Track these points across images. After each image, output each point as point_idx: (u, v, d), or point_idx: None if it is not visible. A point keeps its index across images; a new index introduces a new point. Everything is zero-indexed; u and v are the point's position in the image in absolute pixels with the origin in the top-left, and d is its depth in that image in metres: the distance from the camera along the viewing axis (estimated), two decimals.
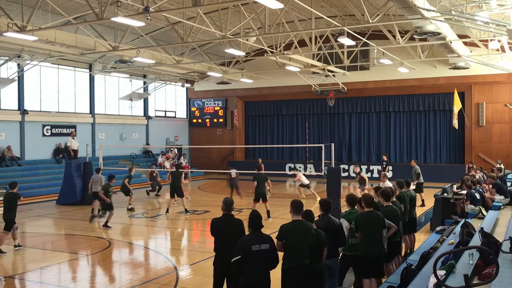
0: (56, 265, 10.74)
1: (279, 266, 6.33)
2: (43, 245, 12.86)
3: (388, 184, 12.40)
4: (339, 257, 7.50)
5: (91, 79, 26.95)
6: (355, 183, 20.98)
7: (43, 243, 13.14)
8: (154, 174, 22.13)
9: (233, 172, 19.57)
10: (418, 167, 18.44)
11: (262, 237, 6.19)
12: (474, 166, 22.48)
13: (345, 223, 7.43)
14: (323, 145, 17.88)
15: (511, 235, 5.90)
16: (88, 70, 26.67)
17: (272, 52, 21.52)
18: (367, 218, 7.29)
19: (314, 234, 6.44)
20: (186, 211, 16.82)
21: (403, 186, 10.45)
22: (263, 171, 16.18)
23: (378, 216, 7.38)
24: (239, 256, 6.01)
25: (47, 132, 24.50)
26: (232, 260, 6.08)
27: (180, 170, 17.91)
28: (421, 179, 18.09)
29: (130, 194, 17.78)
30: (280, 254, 6.34)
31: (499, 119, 25.89)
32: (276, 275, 6.43)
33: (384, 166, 23.07)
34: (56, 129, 24.87)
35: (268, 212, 15.38)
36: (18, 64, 22.68)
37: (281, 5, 13.49)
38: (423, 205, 17.46)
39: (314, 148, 29.39)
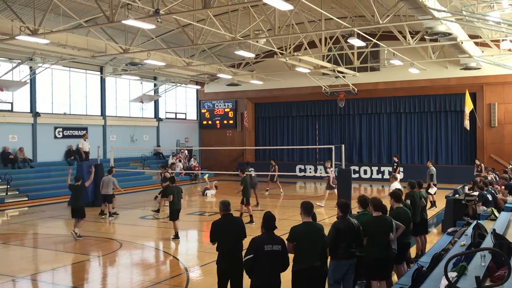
0: (68, 266, 10.82)
1: (289, 268, 6.34)
2: (55, 247, 12.97)
3: (397, 185, 12.34)
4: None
5: (102, 82, 27.15)
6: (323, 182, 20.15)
7: (55, 244, 13.24)
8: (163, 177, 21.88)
9: (252, 172, 19.63)
10: (434, 168, 18.20)
11: (275, 238, 6.23)
12: (482, 165, 22.30)
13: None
14: (333, 147, 17.85)
15: None
16: (99, 73, 26.86)
17: (282, 54, 21.52)
18: (376, 223, 7.27)
19: (324, 236, 6.45)
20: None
21: (415, 187, 10.42)
22: (249, 173, 16.34)
23: (387, 221, 7.36)
24: (252, 255, 6.04)
25: (59, 134, 24.71)
26: (245, 259, 6.13)
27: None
28: (435, 181, 17.93)
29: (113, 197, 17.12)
30: (291, 256, 6.35)
31: (511, 120, 25.65)
32: (286, 277, 6.44)
33: (394, 167, 22.96)
34: (68, 131, 25.07)
35: (251, 216, 15.14)
36: (30, 67, 22.90)
37: (290, 7, 13.50)
38: (433, 206, 17.33)
39: (324, 149, 29.33)
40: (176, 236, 13.12)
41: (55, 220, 16.69)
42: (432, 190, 17.25)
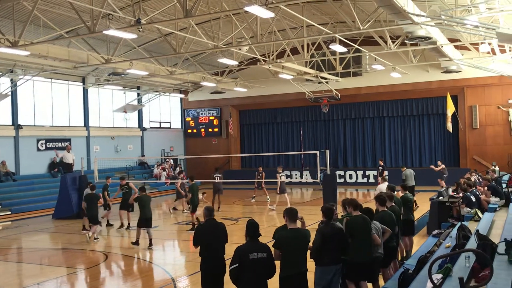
0: (53, 279, 10.67)
1: (277, 274, 6.33)
2: (40, 260, 12.79)
3: (385, 186, 12.42)
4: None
5: (85, 92, 26.94)
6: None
7: (40, 258, 13.06)
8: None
9: (217, 178, 20.27)
10: (409, 171, 19.08)
11: (260, 246, 6.20)
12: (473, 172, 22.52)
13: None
14: (318, 152, 17.94)
15: (507, 237, 5.92)
16: (81, 83, 26.67)
17: (265, 61, 21.61)
18: (354, 223, 7.29)
19: (309, 239, 6.48)
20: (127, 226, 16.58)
21: (394, 190, 10.54)
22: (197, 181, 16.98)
23: (364, 219, 7.38)
24: (236, 264, 6.02)
25: (42, 147, 24.44)
26: (230, 269, 6.09)
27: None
28: (410, 183, 17.99)
29: (108, 208, 16.88)
30: (277, 263, 6.34)
31: (492, 121, 26.03)
32: (273, 284, 6.43)
33: (380, 171, 23.15)
34: (51, 143, 24.80)
35: (193, 224, 15.58)
36: (11, 79, 22.66)
37: (272, 14, 13.58)
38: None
39: (309, 155, 29.45)
40: (136, 242, 13.47)
41: (39, 234, 16.47)
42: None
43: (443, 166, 22.09)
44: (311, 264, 6.70)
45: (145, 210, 13.41)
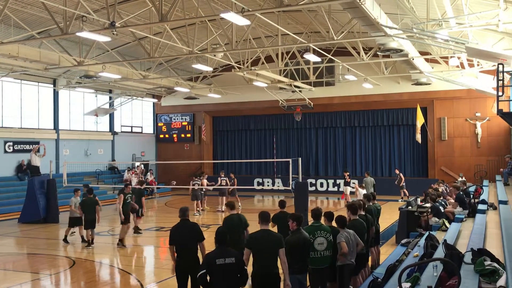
0: (17, 286, 10.41)
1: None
2: (4, 265, 12.44)
3: (363, 192, 12.64)
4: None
5: (55, 94, 26.45)
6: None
7: (4, 263, 12.71)
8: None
9: (196, 185, 20.59)
10: (369, 179, 21.11)
11: (228, 252, 6.29)
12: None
13: None
14: (290, 160, 18.03)
15: (473, 247, 6.06)
16: (52, 85, 26.18)
17: (239, 68, 21.65)
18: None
19: (280, 242, 6.72)
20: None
21: (370, 199, 10.67)
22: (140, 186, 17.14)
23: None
24: (204, 270, 6.12)
25: (9, 149, 23.83)
26: (198, 275, 6.18)
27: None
28: (368, 191, 18.85)
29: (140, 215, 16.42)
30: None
31: (460, 133, 26.66)
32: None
33: (347, 181, 23.40)
34: (19, 145, 24.21)
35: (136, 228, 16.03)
36: None
37: (247, 22, 13.63)
38: None
39: (282, 162, 29.57)
40: (86, 242, 14.15)
41: (4, 238, 16.03)
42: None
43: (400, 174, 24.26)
44: None
45: (90, 212, 14.05)
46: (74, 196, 14.92)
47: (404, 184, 24.30)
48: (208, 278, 6.14)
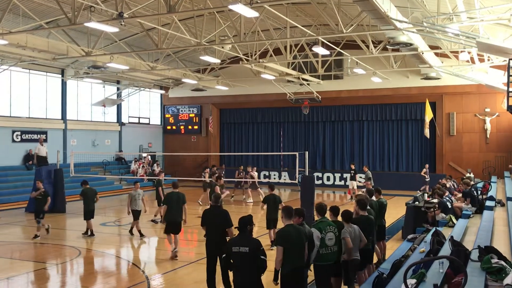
0: (24, 274, 10.47)
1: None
2: (11, 254, 12.54)
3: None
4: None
5: (63, 85, 26.51)
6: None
7: (11, 251, 12.81)
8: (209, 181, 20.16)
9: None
10: (369, 172, 21.65)
11: (245, 241, 6.48)
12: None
13: (316, 233, 7.28)
14: (297, 153, 17.96)
15: (480, 244, 6.00)
16: (60, 75, 26.24)
17: (247, 60, 21.56)
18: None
19: (307, 237, 6.73)
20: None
21: (372, 195, 10.59)
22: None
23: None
24: (225, 255, 6.79)
25: (17, 138, 23.95)
26: (222, 257, 6.97)
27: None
28: (372, 183, 18.55)
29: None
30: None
31: (469, 129, 26.44)
32: (268, 277, 6.79)
33: (352, 174, 23.34)
34: (27, 135, 24.33)
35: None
36: None
37: (256, 14, 13.54)
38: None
39: (288, 156, 29.52)
40: (92, 233, 14.14)
41: (11, 227, 16.15)
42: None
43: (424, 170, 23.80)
44: None
45: (89, 203, 14.26)
46: (134, 189, 14.39)
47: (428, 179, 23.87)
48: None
